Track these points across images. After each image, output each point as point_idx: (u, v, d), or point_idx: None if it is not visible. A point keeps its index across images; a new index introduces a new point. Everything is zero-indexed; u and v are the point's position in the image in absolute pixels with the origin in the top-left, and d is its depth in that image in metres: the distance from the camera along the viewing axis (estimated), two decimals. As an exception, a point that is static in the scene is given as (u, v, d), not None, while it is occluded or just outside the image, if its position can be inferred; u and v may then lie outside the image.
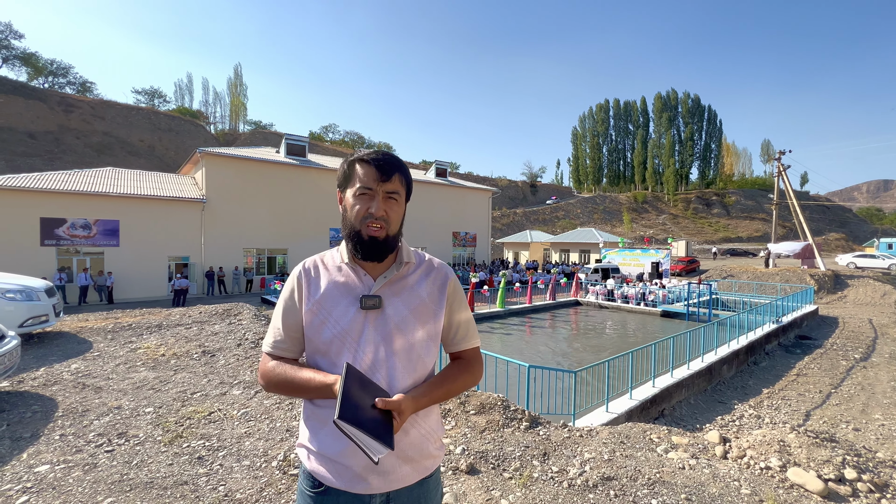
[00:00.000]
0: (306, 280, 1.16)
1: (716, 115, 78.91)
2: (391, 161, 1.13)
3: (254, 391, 4.18)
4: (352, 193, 1.14)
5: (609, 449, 2.99)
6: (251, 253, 21.52)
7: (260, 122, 68.02)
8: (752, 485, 2.49)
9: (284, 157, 23.53)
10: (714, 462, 2.79)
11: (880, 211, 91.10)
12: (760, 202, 72.67)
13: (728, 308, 18.68)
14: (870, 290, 21.71)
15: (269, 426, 3.51)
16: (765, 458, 2.67)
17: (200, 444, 3.20)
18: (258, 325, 6.45)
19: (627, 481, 2.59)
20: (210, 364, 4.99)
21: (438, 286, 1.21)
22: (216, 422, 3.60)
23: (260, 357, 4.72)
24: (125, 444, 3.21)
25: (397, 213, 1.14)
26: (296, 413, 3.73)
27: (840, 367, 11.27)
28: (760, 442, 2.83)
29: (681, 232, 63.42)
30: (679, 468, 2.72)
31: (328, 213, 23.84)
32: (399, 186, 1.14)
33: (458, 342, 1.24)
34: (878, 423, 7.93)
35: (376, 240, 1.11)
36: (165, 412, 3.78)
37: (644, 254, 28.50)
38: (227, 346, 5.56)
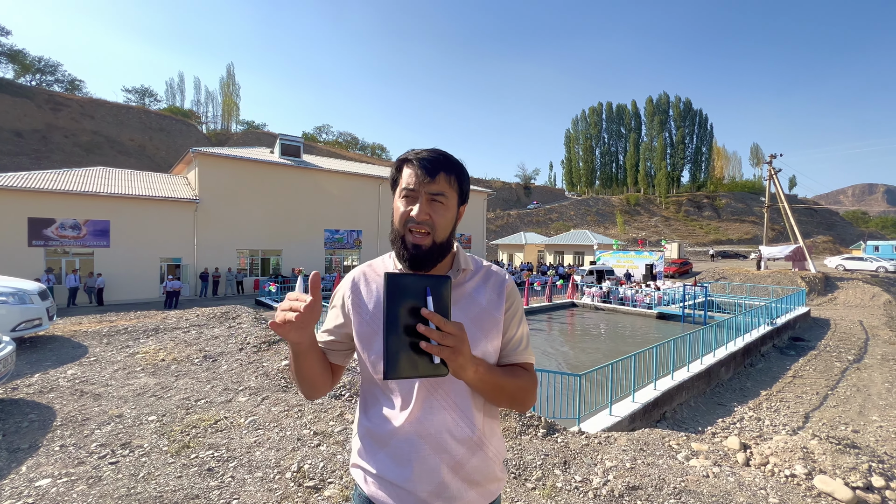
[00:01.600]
0: (358, 287, 1.09)
1: (706, 119, 79.96)
2: (436, 159, 1.02)
3: (260, 398, 4.07)
4: (397, 196, 1.05)
5: (630, 457, 2.94)
6: (244, 254, 21.26)
7: (253, 122, 67.48)
8: (779, 493, 2.45)
9: (279, 157, 23.30)
10: (737, 470, 2.76)
11: (865, 214, 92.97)
12: (750, 205, 73.69)
13: (722, 310, 18.86)
14: (859, 292, 22.08)
15: (278, 435, 3.40)
16: (789, 466, 2.65)
17: (209, 455, 3.09)
18: (259, 329, 6.32)
19: (653, 490, 2.55)
20: (212, 369, 4.86)
21: (497, 292, 1.11)
22: (223, 431, 3.49)
23: (265, 362, 4.59)
24: (130, 455, 3.09)
25: (444, 216, 1.02)
26: (305, 421, 3.63)
27: (834, 369, 11.40)
28: (783, 449, 2.81)
29: (673, 234, 64.05)
30: (703, 476, 2.68)
31: (323, 215, 23.66)
32: (446, 187, 1.02)
33: (514, 355, 1.11)
34: (876, 424, 8.00)
35: (420, 248, 1.00)
36: (170, 420, 3.66)
37: (638, 256, 28.70)
38: (229, 351, 5.43)
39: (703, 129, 79.58)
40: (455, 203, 1.06)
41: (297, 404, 3.93)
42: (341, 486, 2.71)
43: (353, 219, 25.05)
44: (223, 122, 64.58)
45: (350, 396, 4.14)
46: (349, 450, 3.19)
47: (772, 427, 7.85)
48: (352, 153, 71.65)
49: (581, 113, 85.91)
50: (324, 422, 3.60)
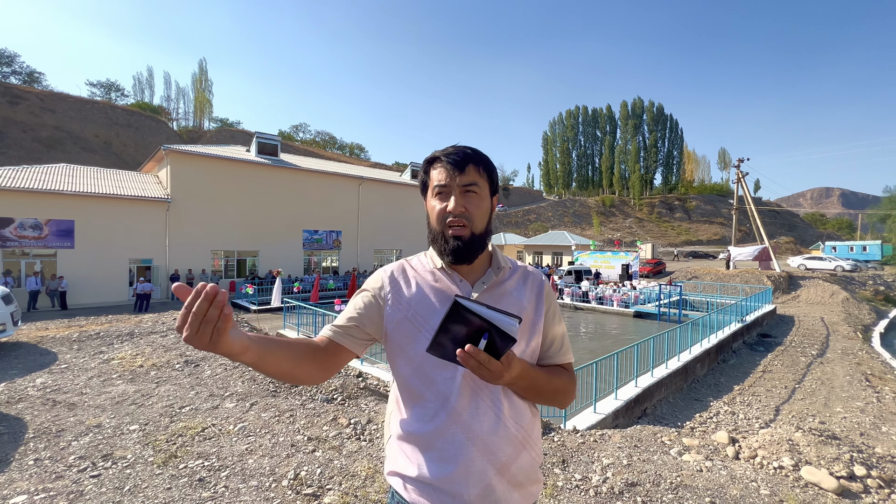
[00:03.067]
0: (397, 281, 1.07)
1: (677, 124, 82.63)
2: (463, 152, 1.03)
3: (249, 403, 3.94)
4: (430, 196, 1.05)
5: (626, 454, 3.01)
6: (219, 255, 20.62)
7: (226, 119, 65.57)
8: (769, 485, 2.55)
9: (256, 156, 22.72)
10: (728, 463, 2.86)
11: (823, 216, 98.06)
12: (718, 207, 76.63)
13: (695, 308, 19.53)
14: (820, 290, 23.26)
15: (271, 441, 3.31)
16: (777, 458, 2.76)
17: (199, 465, 2.97)
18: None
19: (651, 486, 2.61)
20: (195, 375, 4.69)
21: (536, 293, 1.11)
22: (212, 438, 3.36)
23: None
24: (113, 466, 2.94)
25: (479, 207, 1.03)
26: (298, 427, 3.55)
27: (800, 364, 11.96)
28: (770, 441, 2.93)
29: (646, 235, 65.92)
30: (697, 471, 2.76)
31: (301, 215, 23.22)
32: (477, 177, 1.03)
33: (552, 356, 1.11)
34: (840, 415, 8.44)
35: (461, 239, 1.00)
36: (153, 429, 3.50)
37: (614, 256, 29.40)
38: (212, 356, 5.25)
39: (674, 133, 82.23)
40: (488, 193, 1.06)
41: (288, 409, 3.83)
42: (341, 493, 2.65)
43: (332, 219, 24.68)
44: (195, 119, 62.52)
45: (343, 400, 4.07)
46: (346, 454, 3.13)
47: (745, 420, 8.17)
48: (330, 153, 70.61)
49: (558, 116, 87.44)
50: (317, 427, 3.52)
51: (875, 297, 23.83)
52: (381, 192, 27.34)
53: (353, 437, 3.38)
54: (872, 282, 26.51)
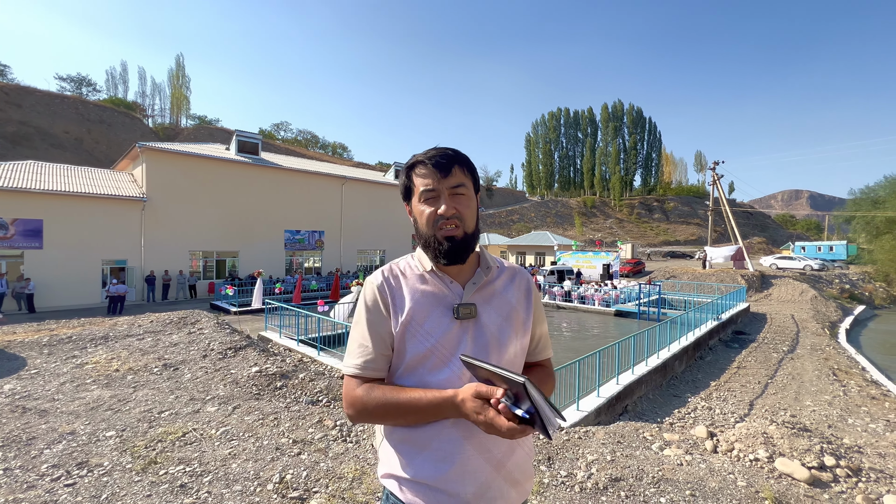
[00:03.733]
0: (389, 291, 1.06)
1: (655, 127, 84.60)
2: (447, 154, 1.04)
3: (231, 407, 3.87)
4: (417, 201, 1.06)
5: (609, 450, 3.07)
6: (197, 256, 20.13)
7: (205, 117, 63.99)
8: (746, 477, 2.65)
9: (235, 154, 22.26)
10: (707, 457, 2.95)
11: (793, 217, 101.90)
12: (695, 208, 78.75)
13: (673, 307, 20.02)
14: (790, 289, 24.15)
15: (255, 445, 3.25)
16: (752, 451, 2.87)
17: (180, 470, 2.90)
18: (223, 334, 6.00)
19: (634, 481, 2.67)
20: (174, 379, 4.57)
21: (524, 292, 1.14)
22: (193, 443, 3.29)
23: (232, 369, 4.37)
24: (89, 475, 2.84)
25: (468, 207, 1.05)
26: (282, 430, 3.50)
27: (772, 360, 12.39)
28: (746, 435, 3.04)
29: (626, 235, 67.25)
30: (678, 465, 2.85)
31: (283, 214, 22.86)
32: (463, 178, 1.05)
33: (538, 352, 1.18)
34: (810, 409, 8.79)
35: (454, 239, 1.02)
36: (131, 435, 3.40)
37: (596, 256, 29.90)
38: (192, 359, 5.12)
39: (652, 135, 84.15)
40: (473, 192, 1.08)
41: (272, 412, 3.77)
42: (328, 495, 2.63)
43: (314, 219, 24.37)
44: (172, 116, 60.78)
45: (328, 402, 4.03)
46: (332, 456, 3.11)
47: (721, 415, 8.42)
48: (312, 152, 69.70)
49: (541, 117, 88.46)
50: (302, 429, 3.48)
51: (841, 295, 24.88)
52: (365, 192, 27.14)
53: (340, 438, 3.36)
54: (839, 280, 27.67)
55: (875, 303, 25.58)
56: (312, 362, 7.94)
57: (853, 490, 2.56)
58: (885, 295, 27.09)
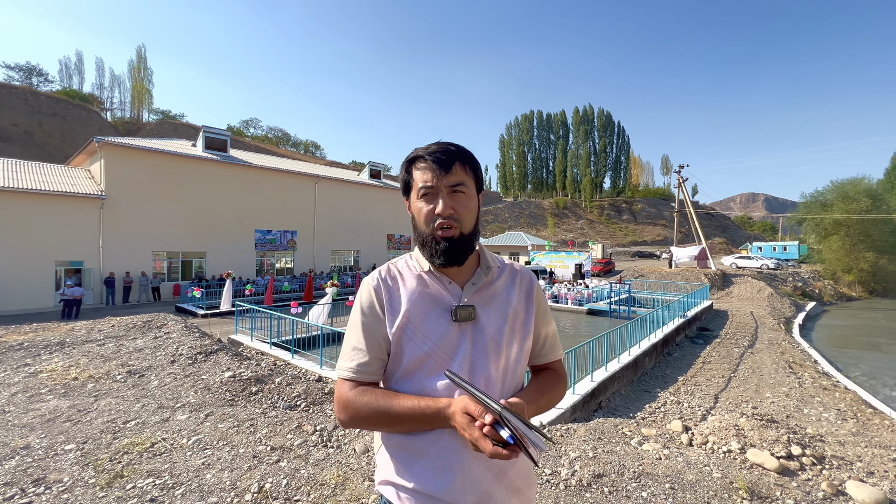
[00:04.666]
0: (386, 292, 1.02)
1: (624, 131, 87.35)
2: (448, 150, 1.00)
3: (203, 414, 3.70)
4: (416, 197, 1.02)
5: (591, 446, 3.13)
6: (161, 257, 19.24)
7: (168, 111, 61.31)
8: (721, 468, 2.76)
9: (203, 151, 21.42)
10: (683, 450, 3.05)
11: (751, 219, 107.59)
12: (661, 210, 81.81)
13: (642, 305, 20.70)
14: (749, 287, 25.44)
15: (230, 454, 3.12)
16: (725, 443, 2.99)
17: (149, 484, 2.74)
18: (192, 338, 5.73)
19: (616, 477, 2.73)
20: (140, 386, 4.33)
21: (525, 292, 1.10)
22: (163, 454, 3.12)
23: (203, 375, 4.18)
24: (46, 492, 2.65)
25: (468, 207, 1.00)
26: (259, 436, 3.37)
27: (734, 354, 13.01)
28: (719, 428, 3.16)
29: (597, 236, 69.09)
30: (656, 459, 2.93)
31: (253, 214, 22.17)
32: (464, 176, 1.00)
33: (545, 353, 1.13)
34: (769, 400, 9.27)
35: (451, 240, 0.98)
36: (94, 448, 3.19)
37: (568, 256, 30.56)
38: (159, 364, 4.86)
39: (621, 139, 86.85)
40: (475, 191, 1.04)
41: (247, 419, 3.63)
42: (310, 503, 2.55)
43: (287, 219, 23.77)
44: (132, 109, 57.91)
45: (307, 406, 3.92)
46: (313, 463, 3.02)
47: (689, 409, 8.76)
48: (284, 150, 67.99)
49: (514, 119, 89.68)
50: (281, 435, 3.37)
51: (794, 293, 26.42)
52: (339, 192, 26.69)
53: (320, 444, 3.27)
54: (792, 278, 29.36)
55: (824, 299, 27.30)
56: (287, 365, 7.73)
57: (818, 477, 2.71)
58: (832, 292, 28.96)
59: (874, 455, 3.01)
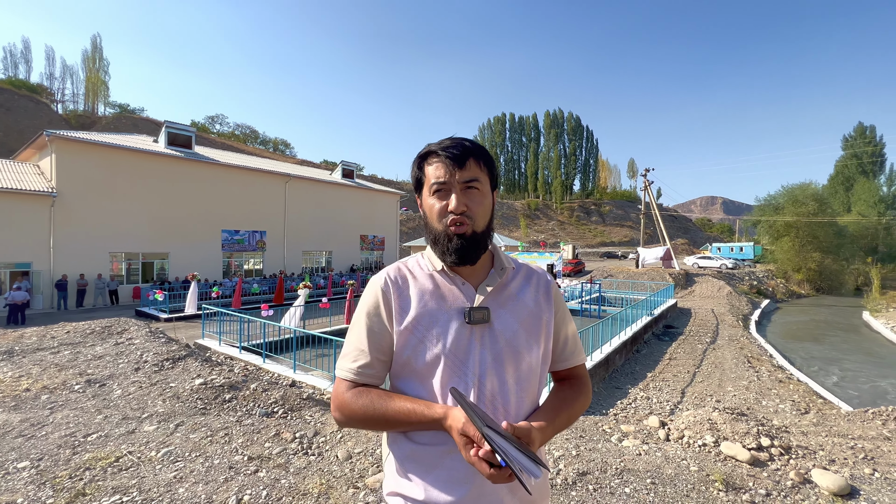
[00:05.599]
0: (395, 292, 0.98)
1: (593, 134, 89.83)
2: (462, 145, 0.97)
3: (173, 424, 3.50)
4: (428, 193, 0.98)
5: (573, 444, 3.17)
6: (119, 258, 18.22)
7: (127, 105, 58.14)
8: (697, 462, 2.86)
9: (165, 147, 20.44)
10: (662, 445, 3.15)
11: (710, 221, 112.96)
12: (628, 212, 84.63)
13: (612, 304, 21.33)
14: (710, 286, 26.69)
15: (204, 465, 2.97)
16: (700, 437, 3.11)
17: (115, 501, 2.56)
18: (157, 344, 5.43)
19: (599, 474, 2.78)
20: (102, 396, 4.06)
21: (543, 293, 1.06)
22: (130, 468, 2.93)
23: (172, 382, 3.97)
24: (-2, 514, 2.44)
25: (481, 204, 0.97)
26: (235, 446, 3.23)
27: (698, 350, 13.60)
28: (693, 422, 3.28)
29: (567, 237, 70.70)
30: (637, 455, 3.01)
31: (220, 213, 21.35)
32: (478, 172, 0.97)
33: (566, 358, 1.08)
34: (731, 394, 9.75)
35: (464, 237, 0.95)
36: (51, 465, 2.96)
37: (541, 256, 31.10)
38: (122, 373, 4.58)
39: (590, 143, 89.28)
40: (489, 188, 1.01)
41: (221, 427, 3.47)
42: (293, 514, 2.46)
43: (255, 219, 23.03)
44: (87, 102, 54.56)
45: (284, 413, 3.79)
46: (294, 472, 2.92)
47: (658, 404, 9.09)
48: (252, 147, 65.88)
49: (487, 121, 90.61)
50: (258, 444, 3.23)
51: (750, 291, 27.93)
52: (311, 191, 26.11)
53: (301, 452, 3.16)
54: (748, 277, 31.03)
55: (777, 297, 29.00)
56: (259, 370, 7.47)
57: (786, 467, 2.86)
58: (784, 290, 30.81)
59: (834, 444, 3.22)
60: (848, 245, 34.51)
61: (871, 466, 3.03)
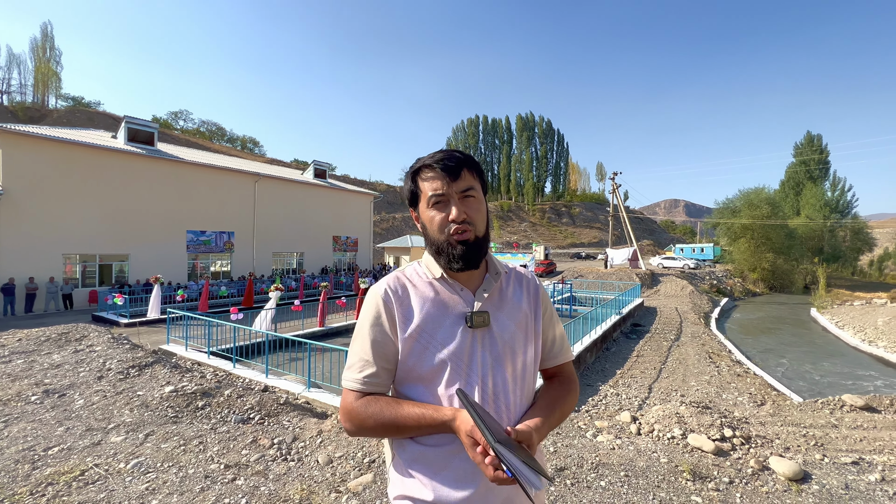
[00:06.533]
0: (396, 301, 1.01)
1: (563, 138, 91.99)
2: (455, 157, 1.02)
3: (143, 434, 3.36)
4: (426, 206, 1.02)
5: (551, 441, 3.27)
6: (74, 260, 17.19)
7: (81, 98, 54.86)
8: (667, 454, 3.01)
9: (125, 143, 19.45)
10: (634, 439, 3.30)
11: (673, 223, 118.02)
12: (597, 213, 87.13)
13: (582, 304, 21.92)
14: (674, 285, 27.85)
15: (178, 475, 2.87)
16: (669, 430, 3.27)
17: (84, 515, 2.45)
18: (121, 351, 5.17)
19: (576, 468, 2.88)
20: (62, 407, 3.84)
21: (533, 296, 1.13)
22: (97, 482, 2.80)
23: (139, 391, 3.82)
24: (-48, 536, 2.28)
25: (479, 210, 1.02)
26: (210, 454, 3.13)
27: (663, 347, 14.18)
28: (662, 416, 3.45)
29: (539, 238, 72.04)
30: (611, 449, 3.13)
31: (184, 213, 20.50)
32: (472, 181, 1.02)
33: (555, 356, 1.14)
34: (695, 388, 10.23)
35: (467, 243, 0.99)
36: (8, 481, 2.79)
37: (513, 257, 31.60)
38: (84, 381, 4.34)
39: (561, 146, 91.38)
40: (482, 195, 1.06)
41: (195, 436, 3.36)
42: (274, 521, 2.43)
43: (223, 219, 22.25)
44: (36, 93, 51.10)
45: (261, 419, 3.70)
46: (273, 478, 2.87)
47: (627, 400, 9.42)
48: (218, 145, 63.59)
49: (461, 123, 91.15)
50: (235, 451, 3.15)
51: (711, 290, 29.34)
52: (281, 191, 25.48)
53: (279, 458, 3.11)
54: (709, 277, 32.59)
55: (735, 295, 30.59)
56: (228, 376, 7.24)
57: (747, 455, 3.06)
58: (741, 288, 32.54)
59: (789, 433, 3.46)
60: (797, 246, 36.82)
61: (821, 452, 3.29)
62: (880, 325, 16.60)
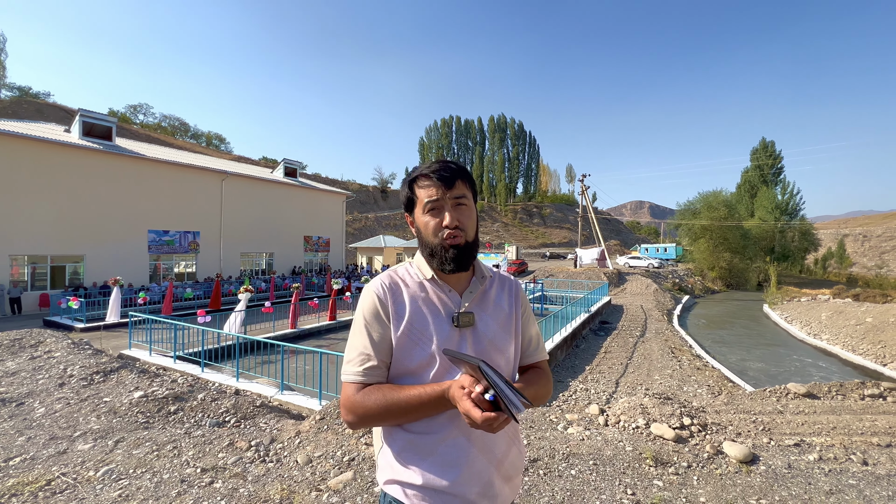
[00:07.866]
0: (390, 297, 1.09)
1: (535, 140, 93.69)
2: (449, 168, 1.11)
3: (112, 441, 3.27)
4: (421, 212, 1.11)
5: (524, 434, 3.42)
6: (21, 261, 16.14)
7: (28, 88, 51.29)
8: (631, 443, 3.22)
9: (80, 138, 18.41)
10: (601, 430, 3.49)
11: (639, 224, 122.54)
12: (567, 214, 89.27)
13: (553, 302, 22.47)
14: (639, 284, 28.96)
15: (152, 481, 2.83)
16: (634, 420, 3.49)
17: (53, 525, 2.39)
18: (83, 356, 4.95)
19: (549, 459, 3.03)
20: (21, 416, 3.66)
21: (514, 297, 1.22)
22: (65, 491, 2.72)
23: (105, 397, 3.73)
24: None
25: (470, 217, 1.11)
26: (186, 458, 3.09)
27: (630, 344, 14.76)
28: (628, 408, 3.67)
29: (511, 238, 73.10)
30: (580, 440, 3.31)
31: (146, 212, 19.61)
32: (465, 190, 1.11)
33: (532, 354, 1.23)
34: (658, 381, 10.74)
35: (459, 247, 1.08)
36: (-33, 494, 2.67)
37: (486, 257, 31.97)
38: (44, 389, 4.15)
39: (532, 148, 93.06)
40: (473, 203, 1.16)
41: (168, 441, 3.30)
42: (255, 521, 2.44)
43: (188, 218, 21.42)
44: (-25, 82, 47.45)
45: (237, 422, 3.67)
46: (252, 480, 2.87)
47: (596, 394, 9.79)
48: (182, 141, 60.94)
49: (434, 123, 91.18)
50: (211, 455, 3.12)
51: (673, 288, 30.70)
52: (250, 189, 24.76)
53: (258, 459, 3.11)
54: (671, 275, 34.07)
55: (695, 293, 32.12)
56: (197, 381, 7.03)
57: (703, 441, 3.31)
58: (701, 287, 34.20)
59: (740, 419, 3.76)
60: (751, 246, 39.04)
61: (768, 436, 3.59)
62: (824, 319, 17.91)
